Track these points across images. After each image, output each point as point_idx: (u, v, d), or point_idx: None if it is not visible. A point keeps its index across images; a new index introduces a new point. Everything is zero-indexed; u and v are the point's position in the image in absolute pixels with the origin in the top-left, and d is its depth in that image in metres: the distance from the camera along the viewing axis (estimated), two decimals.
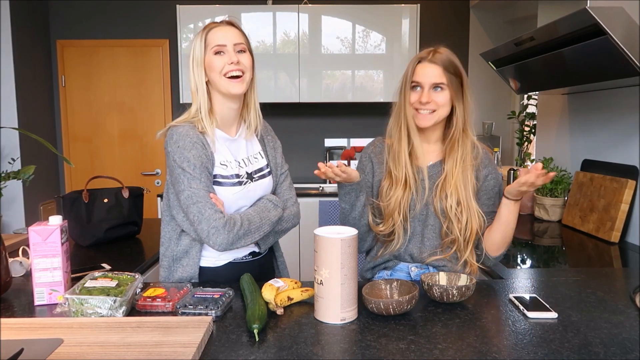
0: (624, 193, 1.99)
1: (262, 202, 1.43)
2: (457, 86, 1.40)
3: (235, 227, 1.30)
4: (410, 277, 1.49)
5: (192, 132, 1.34)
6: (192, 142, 1.33)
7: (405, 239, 1.46)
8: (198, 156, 1.32)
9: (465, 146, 1.43)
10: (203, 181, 1.32)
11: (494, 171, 1.47)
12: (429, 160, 1.48)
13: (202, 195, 1.30)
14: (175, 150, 1.33)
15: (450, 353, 0.95)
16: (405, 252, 1.48)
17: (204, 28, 1.38)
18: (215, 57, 1.35)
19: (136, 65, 3.97)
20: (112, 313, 1.10)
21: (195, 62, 1.36)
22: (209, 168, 1.35)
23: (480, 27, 3.99)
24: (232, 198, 1.39)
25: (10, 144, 3.36)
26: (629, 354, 0.95)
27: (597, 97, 2.31)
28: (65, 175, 4.04)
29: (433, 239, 1.46)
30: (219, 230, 1.28)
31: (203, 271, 1.44)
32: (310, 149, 4.13)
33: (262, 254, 1.52)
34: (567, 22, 1.72)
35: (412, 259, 1.49)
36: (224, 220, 1.29)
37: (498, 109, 4.04)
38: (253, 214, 1.37)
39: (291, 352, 0.96)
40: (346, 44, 3.68)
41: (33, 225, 1.22)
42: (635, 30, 1.58)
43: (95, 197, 2.06)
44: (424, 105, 1.38)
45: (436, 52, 1.39)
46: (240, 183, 1.41)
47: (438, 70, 1.37)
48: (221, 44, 1.34)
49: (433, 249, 1.46)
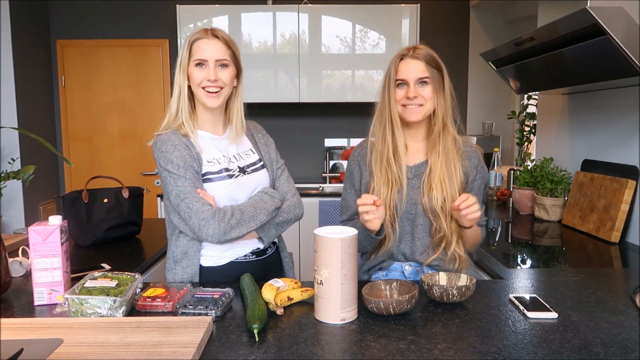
0: (624, 193, 1.99)
1: (257, 195, 1.44)
2: (438, 80, 1.42)
3: (225, 217, 1.31)
4: (405, 276, 1.50)
5: (173, 137, 1.39)
6: (174, 145, 1.37)
7: (394, 238, 1.46)
8: (181, 157, 1.35)
9: (447, 140, 1.44)
10: (188, 178, 1.34)
11: (482, 169, 1.51)
12: (416, 159, 1.49)
13: (189, 191, 1.33)
14: (159, 156, 1.37)
15: (450, 353, 0.95)
16: (398, 251, 1.49)
17: (191, 36, 1.39)
18: (196, 69, 1.37)
19: (136, 65, 3.97)
20: (112, 313, 1.10)
21: (179, 68, 1.39)
22: (194, 167, 1.37)
23: (480, 27, 3.99)
24: (225, 192, 1.40)
25: (10, 144, 3.36)
26: (629, 354, 0.95)
27: (597, 97, 2.31)
28: (65, 175, 4.04)
29: (423, 238, 1.47)
30: (209, 220, 1.29)
31: (205, 270, 1.45)
32: (310, 149, 4.13)
33: (267, 254, 1.52)
34: (567, 22, 1.72)
35: (405, 258, 1.50)
36: (213, 210, 1.31)
37: (498, 109, 4.04)
38: (246, 205, 1.38)
39: (291, 352, 0.96)
40: (346, 43, 3.68)
41: (33, 225, 1.22)
42: (635, 30, 1.58)
43: (95, 197, 2.06)
44: (411, 100, 1.40)
45: (416, 49, 1.42)
46: (231, 176, 1.42)
47: (421, 65, 1.39)
48: (203, 58, 1.37)
49: (424, 248, 1.47)
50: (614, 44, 1.57)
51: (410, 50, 1.41)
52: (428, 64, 1.39)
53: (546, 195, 2.45)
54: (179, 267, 1.43)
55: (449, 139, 1.44)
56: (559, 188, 2.41)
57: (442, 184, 1.41)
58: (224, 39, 1.39)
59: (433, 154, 1.44)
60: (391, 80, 1.42)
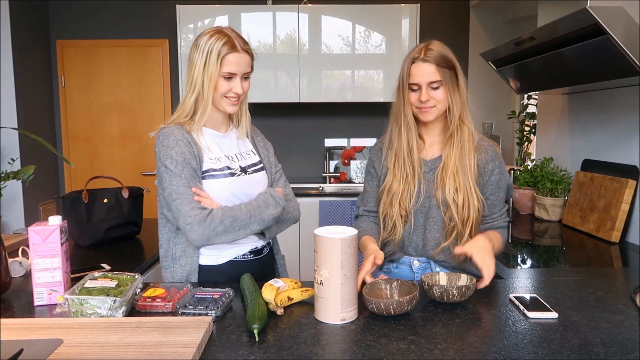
0: (624, 193, 1.99)
1: (263, 196, 1.42)
2: (452, 78, 1.42)
3: (212, 223, 1.30)
4: (412, 270, 1.51)
5: (177, 131, 1.39)
6: (176, 140, 1.37)
7: (405, 230, 1.49)
8: (181, 153, 1.35)
9: (463, 134, 1.45)
10: (184, 177, 1.34)
11: (500, 165, 1.49)
12: (432, 154, 1.51)
13: (182, 192, 1.32)
14: (160, 149, 1.38)
15: (450, 353, 0.95)
16: (409, 244, 1.50)
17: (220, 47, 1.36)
18: (224, 82, 1.39)
19: (136, 65, 3.97)
20: (112, 313, 1.10)
21: (208, 77, 1.37)
22: (192, 164, 1.37)
23: (480, 27, 3.99)
24: (227, 189, 1.41)
25: (10, 144, 3.36)
26: (629, 354, 0.95)
27: (597, 97, 2.31)
28: (65, 175, 4.04)
29: (435, 231, 1.47)
30: (193, 226, 1.29)
31: (203, 269, 1.45)
32: (310, 149, 4.12)
33: (263, 254, 1.53)
34: (567, 22, 1.72)
35: (415, 252, 1.51)
36: (200, 216, 1.30)
37: (498, 109, 4.04)
38: (243, 211, 1.36)
39: (291, 352, 0.96)
40: (346, 43, 3.67)
41: (33, 225, 1.22)
42: (635, 30, 1.58)
43: (95, 197, 2.06)
44: (424, 103, 1.42)
45: (428, 49, 1.41)
46: (233, 174, 1.43)
47: (432, 68, 1.39)
48: (233, 72, 1.39)
49: (436, 242, 1.48)
50: (614, 43, 1.57)
51: (422, 51, 1.40)
52: (439, 65, 1.39)
53: (546, 195, 2.45)
54: (177, 265, 1.43)
55: (465, 132, 1.45)
56: (559, 188, 2.41)
57: (455, 176, 1.42)
58: (251, 52, 1.43)
59: (447, 148, 1.46)
60: (405, 83, 1.44)
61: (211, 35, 1.37)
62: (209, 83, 1.37)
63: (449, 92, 1.41)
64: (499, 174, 1.49)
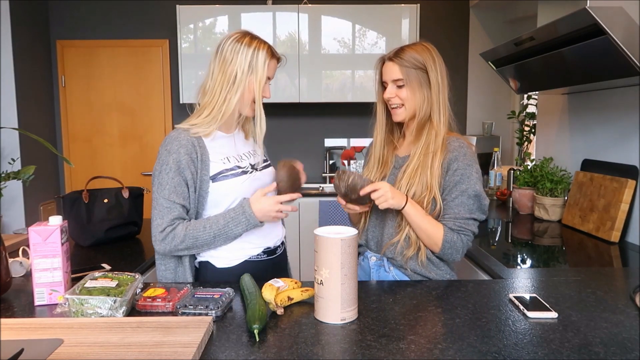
0: (624, 193, 1.99)
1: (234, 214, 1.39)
2: (420, 77, 1.42)
3: (173, 242, 1.36)
4: (369, 266, 1.53)
5: (182, 135, 1.39)
6: (179, 146, 1.38)
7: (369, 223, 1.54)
8: (177, 161, 1.37)
9: (430, 134, 1.45)
10: (168, 189, 1.37)
11: (465, 168, 1.41)
12: (406, 152, 1.52)
13: (160, 203, 1.37)
14: (162, 152, 1.40)
15: (450, 353, 0.95)
16: (372, 239, 1.54)
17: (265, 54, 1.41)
18: (266, 85, 1.45)
19: (136, 65, 3.97)
20: (112, 313, 1.10)
21: (256, 79, 1.40)
22: (185, 174, 1.37)
23: (480, 27, 3.99)
24: (242, 187, 1.43)
25: (10, 144, 3.36)
26: (629, 354, 0.95)
27: (597, 97, 2.31)
28: (65, 175, 4.04)
29: (390, 227, 1.48)
30: (157, 241, 1.38)
31: (219, 272, 1.44)
32: (310, 149, 4.13)
33: (277, 254, 1.54)
34: (567, 22, 1.72)
35: (375, 247, 1.53)
36: (163, 233, 1.36)
37: (498, 109, 4.04)
38: (207, 231, 1.36)
39: (291, 352, 0.96)
40: (346, 43, 3.68)
41: (33, 225, 1.22)
42: (635, 30, 1.58)
43: (95, 198, 2.06)
44: (389, 100, 1.47)
45: (398, 50, 1.45)
46: (245, 172, 1.46)
47: (395, 67, 1.43)
48: (271, 77, 1.46)
49: (391, 238, 1.47)
50: (613, 43, 1.57)
51: (393, 52, 1.46)
52: (402, 65, 1.42)
53: (546, 195, 2.45)
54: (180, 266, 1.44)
55: (432, 132, 1.44)
56: (559, 188, 2.41)
57: (414, 174, 1.43)
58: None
59: (413, 147, 1.47)
60: (378, 81, 1.51)
61: (251, 38, 1.42)
62: (258, 86, 1.41)
63: (413, 91, 1.43)
64: (460, 176, 1.40)
